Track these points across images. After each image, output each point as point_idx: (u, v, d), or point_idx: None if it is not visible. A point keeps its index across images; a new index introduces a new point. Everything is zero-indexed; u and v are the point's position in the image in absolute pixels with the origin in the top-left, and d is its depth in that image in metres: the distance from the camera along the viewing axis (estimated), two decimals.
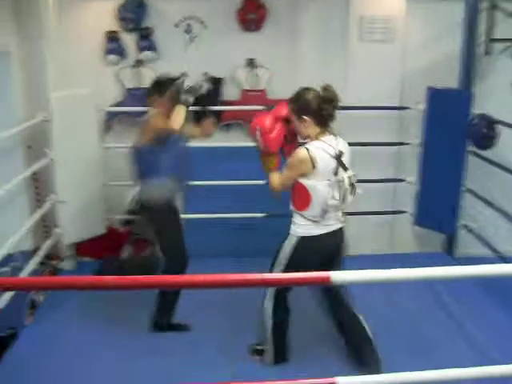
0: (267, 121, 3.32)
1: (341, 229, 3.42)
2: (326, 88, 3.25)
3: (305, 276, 1.82)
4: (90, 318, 4.17)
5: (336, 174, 3.22)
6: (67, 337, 3.97)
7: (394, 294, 4.42)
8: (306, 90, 3.29)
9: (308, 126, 3.25)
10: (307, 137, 3.30)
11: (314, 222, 3.28)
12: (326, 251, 3.39)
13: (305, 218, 3.29)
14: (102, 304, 4.19)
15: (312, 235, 3.31)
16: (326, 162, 3.18)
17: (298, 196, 3.27)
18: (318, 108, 3.22)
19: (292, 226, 3.37)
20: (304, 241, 3.33)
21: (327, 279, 1.83)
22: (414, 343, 3.85)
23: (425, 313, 4.30)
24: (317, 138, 3.25)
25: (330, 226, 3.33)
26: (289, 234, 3.39)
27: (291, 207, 3.36)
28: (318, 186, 3.19)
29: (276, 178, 3.37)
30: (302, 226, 3.32)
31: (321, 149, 3.19)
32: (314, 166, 3.16)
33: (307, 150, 3.17)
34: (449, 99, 4.84)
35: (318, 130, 3.27)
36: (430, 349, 3.76)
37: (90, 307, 4.22)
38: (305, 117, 3.24)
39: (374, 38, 5.09)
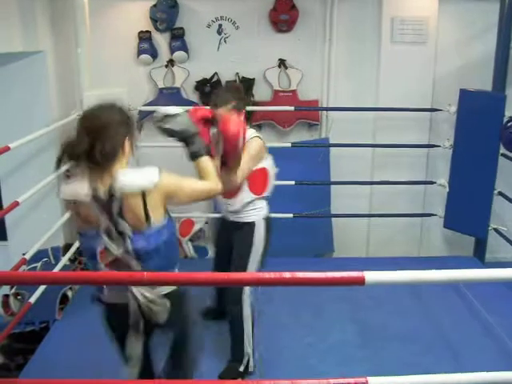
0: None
1: None
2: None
3: (341, 276, 1.81)
4: None
5: None
6: (96, 331, 4.01)
7: (422, 297, 4.39)
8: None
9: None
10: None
11: (267, 199, 3.44)
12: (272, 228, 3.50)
13: (263, 199, 3.42)
14: None
15: (269, 213, 3.47)
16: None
17: (258, 181, 3.35)
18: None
19: (254, 213, 3.40)
20: (268, 220, 3.45)
21: (362, 279, 1.83)
22: (442, 347, 3.82)
23: (453, 317, 4.26)
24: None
25: None
26: (249, 223, 3.39)
27: (248, 197, 3.35)
28: (271, 165, 3.39)
29: (241, 174, 3.20)
30: (263, 208, 3.43)
31: (258, 132, 3.38)
32: (267, 151, 3.37)
33: (259, 137, 3.32)
34: (481, 101, 4.79)
35: None
36: (459, 354, 3.72)
37: None
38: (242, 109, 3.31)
39: (406, 40, 5.07)
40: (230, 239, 3.51)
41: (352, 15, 5.09)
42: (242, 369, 3.46)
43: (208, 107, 3.34)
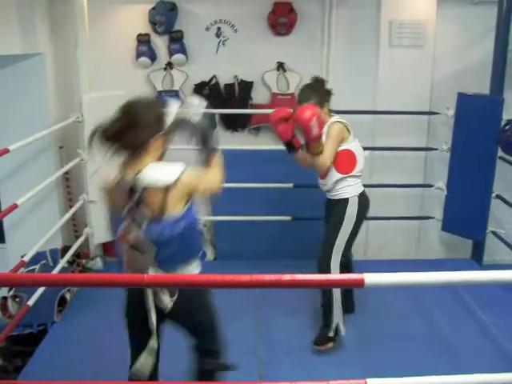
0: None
1: None
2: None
3: (341, 278, 1.82)
4: (116, 317, 4.22)
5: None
6: (95, 334, 4.02)
7: (419, 298, 4.40)
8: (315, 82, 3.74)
9: (326, 110, 3.68)
10: (324, 124, 3.61)
11: (359, 178, 3.71)
12: (369, 204, 3.80)
13: (354, 177, 3.67)
14: None
15: (363, 190, 3.73)
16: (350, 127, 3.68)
17: (344, 161, 3.63)
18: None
19: (345, 190, 3.67)
20: (362, 197, 3.71)
21: (361, 281, 1.84)
22: (440, 349, 3.82)
23: (451, 319, 4.26)
24: (329, 115, 3.69)
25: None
26: (341, 199, 3.68)
27: (336, 176, 3.64)
28: (358, 147, 3.69)
29: (326, 155, 3.56)
30: (355, 186, 3.69)
31: (342, 118, 3.68)
32: (349, 132, 3.64)
33: (339, 122, 3.62)
34: (479, 105, 4.80)
35: (326, 111, 3.69)
36: (456, 355, 3.73)
37: (116, 306, 4.27)
38: (325, 103, 3.66)
39: (404, 43, 5.09)
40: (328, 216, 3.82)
41: (350, 19, 5.10)
42: (331, 334, 3.70)
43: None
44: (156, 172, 2.43)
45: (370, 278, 1.89)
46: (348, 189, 3.67)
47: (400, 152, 5.11)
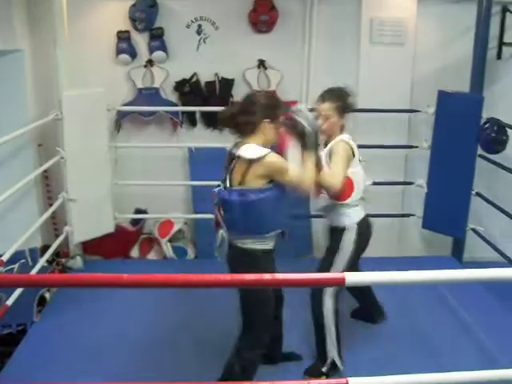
0: None
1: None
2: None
3: (321, 277, 1.82)
4: (97, 316, 4.20)
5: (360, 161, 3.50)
6: (75, 334, 3.99)
7: (399, 295, 4.41)
8: (344, 89, 3.49)
9: (342, 122, 3.45)
10: (332, 134, 3.42)
11: (358, 205, 3.48)
12: (371, 231, 3.58)
13: (351, 205, 3.44)
14: (109, 302, 4.21)
15: (362, 217, 3.49)
16: (356, 149, 3.44)
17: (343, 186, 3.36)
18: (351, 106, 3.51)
19: (344, 219, 3.44)
20: (361, 225, 3.47)
21: (342, 280, 1.84)
22: (421, 347, 3.84)
23: (432, 317, 4.28)
24: (341, 131, 3.45)
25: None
26: (339, 228, 3.45)
27: (327, 200, 3.42)
28: (359, 171, 3.45)
29: (336, 173, 3.27)
30: (353, 214, 3.46)
31: (350, 139, 3.42)
32: (353, 155, 3.40)
33: (345, 142, 3.37)
34: (459, 103, 4.83)
35: (341, 124, 3.47)
36: (437, 353, 3.75)
37: (96, 305, 4.24)
38: (344, 114, 3.44)
39: (385, 41, 5.10)
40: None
41: (331, 16, 5.10)
42: (324, 370, 3.49)
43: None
44: (248, 148, 2.89)
45: (351, 276, 1.89)
46: (343, 217, 3.44)
47: (381, 150, 5.11)
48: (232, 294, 3.05)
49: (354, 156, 3.39)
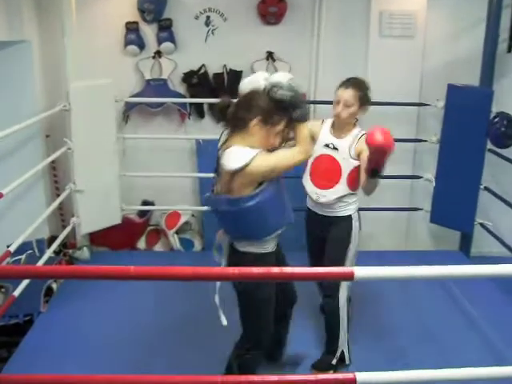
0: None
1: None
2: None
3: (329, 271, 1.81)
4: (103, 307, 4.21)
5: None
6: (81, 324, 4.01)
7: (407, 290, 4.40)
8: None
9: (359, 114, 3.43)
10: (346, 124, 3.41)
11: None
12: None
13: (355, 194, 3.47)
14: (116, 292, 4.21)
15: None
16: None
17: (356, 177, 3.38)
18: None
19: (348, 207, 3.45)
20: (358, 213, 3.52)
21: (351, 275, 1.83)
22: (428, 341, 3.83)
23: (438, 311, 4.28)
24: (355, 125, 3.47)
25: None
26: (345, 216, 3.44)
27: (344, 191, 3.40)
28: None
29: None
30: (356, 202, 3.49)
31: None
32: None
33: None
34: (469, 97, 4.79)
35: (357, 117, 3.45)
36: (444, 347, 3.74)
37: (103, 295, 4.25)
38: (363, 106, 3.40)
39: (394, 34, 5.06)
40: (325, 234, 3.50)
41: (341, 8, 5.07)
42: (334, 362, 3.46)
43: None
44: (230, 154, 2.64)
45: (360, 271, 1.88)
46: (351, 205, 3.45)
47: None
48: None
49: None
